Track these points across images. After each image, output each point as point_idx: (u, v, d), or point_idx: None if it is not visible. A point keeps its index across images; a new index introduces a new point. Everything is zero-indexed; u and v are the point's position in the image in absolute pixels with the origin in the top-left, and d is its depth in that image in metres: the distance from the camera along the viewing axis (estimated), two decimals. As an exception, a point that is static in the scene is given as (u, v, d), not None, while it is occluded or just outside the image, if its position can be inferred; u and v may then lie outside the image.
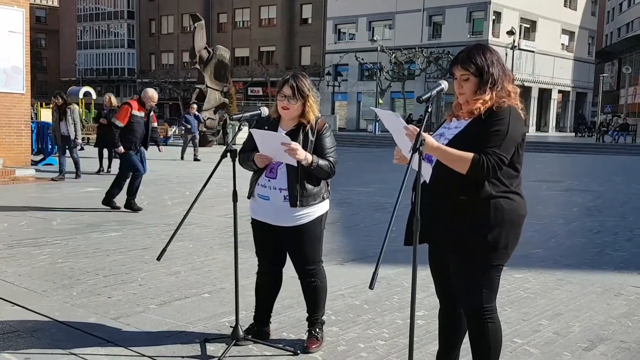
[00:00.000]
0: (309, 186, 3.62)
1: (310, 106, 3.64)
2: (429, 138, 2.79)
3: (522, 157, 2.94)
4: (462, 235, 2.84)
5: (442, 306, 3.21)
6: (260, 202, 3.72)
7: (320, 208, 3.72)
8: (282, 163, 3.62)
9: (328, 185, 3.83)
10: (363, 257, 6.41)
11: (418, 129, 2.71)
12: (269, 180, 3.67)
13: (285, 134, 3.63)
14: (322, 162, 3.59)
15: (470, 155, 2.76)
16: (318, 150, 3.64)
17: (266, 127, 3.70)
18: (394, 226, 2.53)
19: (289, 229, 3.67)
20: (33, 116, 22.70)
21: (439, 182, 2.87)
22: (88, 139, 28.42)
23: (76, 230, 7.45)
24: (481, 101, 2.85)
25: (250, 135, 3.73)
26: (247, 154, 3.72)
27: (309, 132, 3.65)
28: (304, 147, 3.57)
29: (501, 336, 3.03)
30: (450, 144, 2.85)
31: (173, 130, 33.67)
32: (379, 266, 2.46)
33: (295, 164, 3.54)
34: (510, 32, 38.72)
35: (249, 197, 3.81)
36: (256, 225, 3.83)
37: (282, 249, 3.83)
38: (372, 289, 2.48)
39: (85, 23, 69.23)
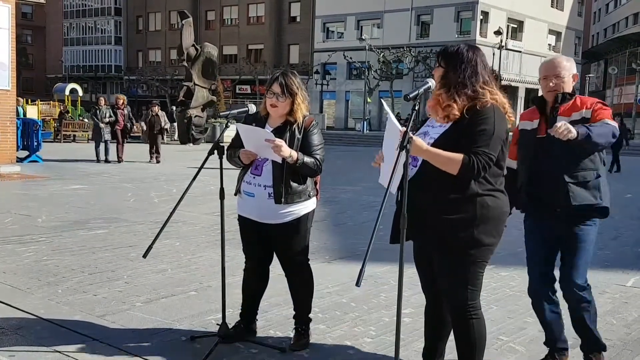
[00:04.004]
0: (294, 184, 3.62)
1: (298, 104, 3.63)
2: (418, 140, 2.79)
3: (506, 155, 2.97)
4: (448, 233, 2.85)
5: (428, 303, 3.23)
6: (246, 198, 3.72)
7: (306, 206, 3.71)
8: (267, 160, 3.61)
9: (316, 183, 3.83)
10: (350, 255, 6.41)
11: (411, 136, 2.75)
12: (254, 177, 3.66)
13: (272, 130, 3.62)
14: (307, 159, 3.58)
15: (459, 156, 2.77)
16: (305, 147, 3.63)
17: (254, 124, 3.69)
18: (381, 224, 2.53)
19: (275, 226, 3.67)
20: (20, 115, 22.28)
21: (425, 180, 2.87)
22: (74, 136, 28.27)
23: (62, 228, 7.40)
24: (455, 108, 2.87)
25: (238, 132, 3.72)
26: (234, 150, 3.71)
27: (296, 129, 3.64)
28: (290, 145, 3.56)
29: (486, 333, 3.05)
30: (436, 143, 2.86)
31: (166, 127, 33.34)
32: (366, 264, 2.47)
33: (280, 161, 3.54)
34: (498, 32, 38.88)
35: (235, 194, 3.80)
36: (242, 221, 3.82)
37: (269, 246, 3.83)
38: (358, 286, 2.49)
39: (71, 19, 68.67)
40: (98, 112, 16.93)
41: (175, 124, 29.34)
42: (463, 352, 3.03)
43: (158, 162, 17.56)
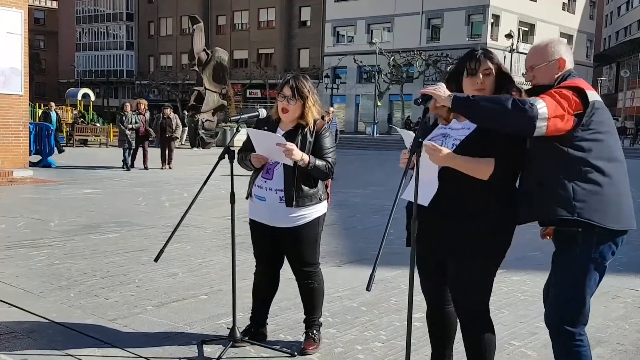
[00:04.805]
0: (305, 187, 3.62)
1: (309, 108, 3.64)
2: (444, 150, 2.78)
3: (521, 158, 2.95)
4: (468, 240, 2.84)
5: (431, 308, 3.20)
6: (257, 202, 3.73)
7: (318, 210, 3.72)
8: (278, 164, 3.62)
9: (327, 187, 3.83)
10: (360, 259, 6.40)
11: (436, 145, 2.75)
12: (265, 181, 3.67)
13: (284, 134, 3.64)
14: (319, 162, 3.59)
15: (491, 161, 2.76)
16: (316, 150, 3.64)
17: (265, 128, 3.71)
18: (392, 228, 2.52)
19: (286, 230, 3.68)
20: (53, 118, 22.39)
21: (448, 186, 2.84)
22: (86, 140, 28.43)
23: (74, 232, 7.44)
24: None
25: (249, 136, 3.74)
26: (245, 153, 3.73)
27: (308, 133, 3.65)
28: (302, 148, 3.57)
29: (495, 338, 3.05)
30: (463, 146, 2.83)
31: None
32: (376, 268, 2.47)
33: (292, 164, 3.55)
34: (509, 35, 38.77)
35: (247, 198, 3.82)
36: (254, 225, 3.83)
37: (280, 250, 3.83)
38: (369, 290, 2.48)
39: (84, 25, 69.14)
40: (124, 118, 16.18)
41: (186, 128, 29.42)
42: (474, 357, 3.02)
43: (170, 168, 16.94)
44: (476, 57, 2.94)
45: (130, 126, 16.09)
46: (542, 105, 2.57)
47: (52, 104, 24.99)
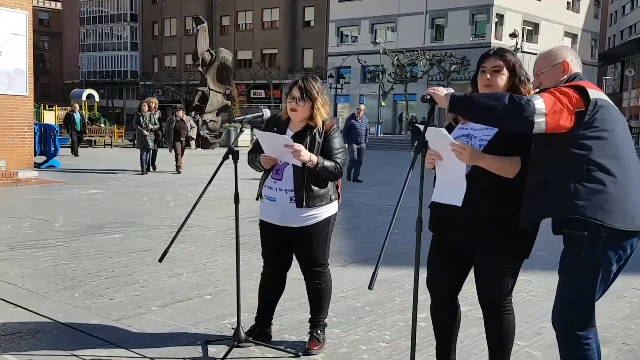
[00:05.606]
0: (315, 187, 3.63)
1: (318, 109, 3.65)
2: (472, 149, 2.79)
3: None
4: (498, 236, 2.87)
5: (437, 301, 3.21)
6: (268, 203, 3.74)
7: (328, 210, 3.73)
8: (288, 164, 3.63)
9: (338, 187, 3.84)
10: (365, 259, 6.39)
11: (465, 144, 2.78)
12: (275, 182, 3.68)
13: (293, 135, 3.64)
14: (327, 163, 3.59)
15: (517, 159, 2.80)
16: (325, 151, 3.65)
17: (275, 129, 3.71)
18: (396, 228, 2.52)
19: (296, 230, 3.68)
20: (77, 120, 22.42)
21: (473, 184, 2.86)
22: (95, 141, 28.50)
23: (78, 232, 7.46)
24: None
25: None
26: (255, 154, 3.75)
27: (317, 134, 3.66)
28: (311, 149, 3.58)
29: (515, 328, 3.11)
30: (491, 145, 2.85)
31: None
32: (379, 267, 2.46)
33: (301, 165, 3.55)
34: (513, 35, 38.71)
35: (257, 199, 3.82)
36: (264, 226, 3.83)
37: (289, 251, 3.83)
38: (371, 289, 2.49)
39: (88, 26, 69.26)
40: (141, 119, 15.31)
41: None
42: (498, 347, 3.07)
43: (179, 172, 16.07)
44: (486, 54, 2.99)
45: (151, 127, 15.38)
46: (539, 101, 2.54)
47: (76, 105, 25.11)
